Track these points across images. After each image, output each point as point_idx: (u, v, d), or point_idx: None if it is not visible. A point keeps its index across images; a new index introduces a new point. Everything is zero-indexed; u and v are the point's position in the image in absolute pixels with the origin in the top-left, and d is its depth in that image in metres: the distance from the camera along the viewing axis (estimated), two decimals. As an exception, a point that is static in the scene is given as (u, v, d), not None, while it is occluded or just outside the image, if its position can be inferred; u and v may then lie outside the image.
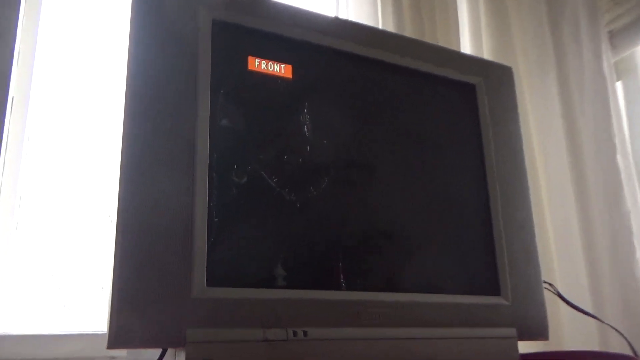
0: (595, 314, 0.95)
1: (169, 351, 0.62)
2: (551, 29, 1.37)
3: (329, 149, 0.77)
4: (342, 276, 0.72)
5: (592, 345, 1.09)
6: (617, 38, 1.50)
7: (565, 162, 1.28)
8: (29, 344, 1.07)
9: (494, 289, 0.83)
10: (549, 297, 0.88)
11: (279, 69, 0.76)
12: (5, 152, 1.14)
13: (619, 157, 1.25)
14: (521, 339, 0.81)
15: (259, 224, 0.70)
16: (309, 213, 0.73)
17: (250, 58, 0.74)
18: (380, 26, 1.26)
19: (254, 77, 0.74)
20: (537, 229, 0.91)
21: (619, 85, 1.48)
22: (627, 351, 0.90)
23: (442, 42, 1.27)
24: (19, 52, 1.22)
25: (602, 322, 0.94)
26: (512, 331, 0.80)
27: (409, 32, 1.28)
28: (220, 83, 0.71)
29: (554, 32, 1.37)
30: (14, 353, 1.06)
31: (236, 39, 0.74)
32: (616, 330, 0.89)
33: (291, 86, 0.76)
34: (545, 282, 0.87)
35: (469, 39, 1.39)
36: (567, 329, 1.15)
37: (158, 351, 0.65)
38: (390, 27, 1.26)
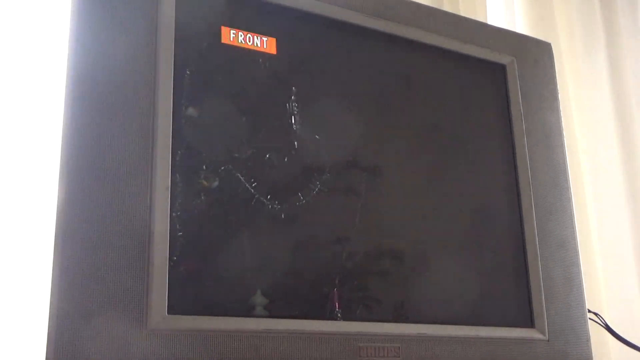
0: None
1: (120, 396, 0.62)
2: (601, 1, 1.38)
3: (323, 146, 0.77)
4: (338, 303, 0.73)
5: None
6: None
7: (617, 165, 1.29)
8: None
9: (527, 321, 0.84)
10: (594, 329, 0.89)
11: (260, 42, 0.76)
12: None
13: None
14: (561, 382, 0.82)
15: (234, 238, 0.70)
16: (297, 225, 0.74)
17: (223, 29, 0.75)
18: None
19: (229, 52, 0.74)
20: (581, 248, 0.91)
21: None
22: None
23: (464, 13, 1.28)
24: None
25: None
26: (549, 373, 0.81)
27: (423, 0, 1.29)
28: (185, 61, 0.71)
29: (605, 5, 1.38)
30: None
31: (206, 4, 0.75)
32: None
33: (275, 64, 0.77)
34: (590, 311, 0.88)
35: (498, 10, 1.40)
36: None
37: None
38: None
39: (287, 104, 0.76)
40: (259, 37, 0.76)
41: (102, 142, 0.64)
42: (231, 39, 0.75)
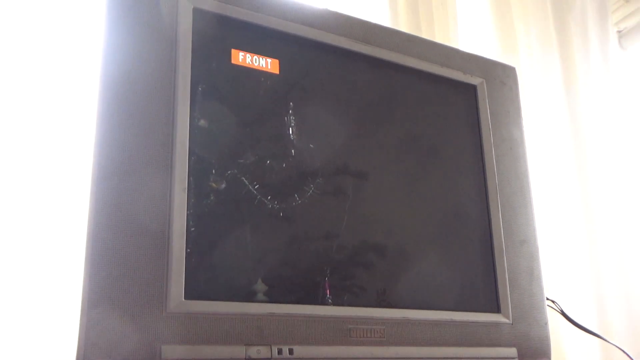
0: (601, 333, 0.97)
1: (143, 371, 0.62)
2: (557, 27, 1.40)
3: (316, 153, 0.78)
4: (330, 290, 0.73)
5: (594, 360, 1.12)
6: (626, 38, 1.54)
7: (572, 171, 1.30)
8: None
9: (494, 307, 0.84)
10: (551, 315, 0.90)
11: (265, 63, 0.77)
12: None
13: (630, 166, 1.27)
14: (522, 360, 0.83)
15: (241, 233, 0.70)
16: (294, 223, 0.74)
17: (234, 51, 0.75)
18: (373, 18, 1.28)
19: (238, 71, 0.75)
20: (540, 243, 0.92)
21: (629, 88, 1.51)
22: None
23: (439, 40, 1.29)
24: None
25: (609, 342, 0.96)
26: (512, 351, 0.82)
27: (404, 26, 1.30)
28: (201, 78, 0.71)
29: (560, 30, 1.40)
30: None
31: (219, 30, 0.75)
32: (624, 352, 0.91)
33: (278, 82, 0.77)
34: (548, 299, 0.89)
35: (468, 37, 1.41)
36: (569, 349, 1.17)
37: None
38: (384, 20, 1.28)
39: (286, 117, 0.76)
40: (264, 59, 0.77)
41: (128, 149, 0.64)
42: (240, 60, 0.75)
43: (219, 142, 0.72)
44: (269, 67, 0.77)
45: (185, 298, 0.63)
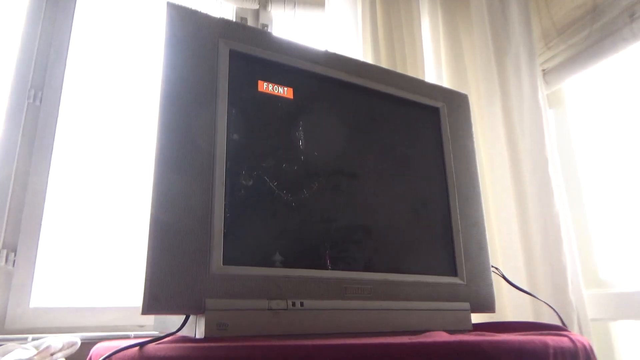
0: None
1: (191, 318, 0.62)
2: (497, 66, 1.40)
3: (319, 159, 0.78)
4: (330, 260, 0.73)
5: (527, 317, 1.11)
6: (549, 75, 1.54)
7: (507, 174, 1.30)
8: (74, 315, 1.07)
9: (453, 271, 0.84)
10: (495, 278, 0.90)
11: (283, 90, 0.77)
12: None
13: (550, 170, 1.27)
14: (473, 312, 0.83)
15: (263, 217, 0.70)
16: (303, 210, 0.74)
17: (259, 82, 0.75)
18: (361, 57, 1.28)
19: (263, 97, 0.75)
20: (487, 225, 0.92)
21: (550, 113, 1.51)
22: (556, 322, 0.91)
23: (411, 74, 1.29)
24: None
25: (538, 299, 0.96)
26: (466, 305, 0.82)
27: (384, 63, 1.30)
28: (235, 101, 0.72)
29: (500, 69, 1.40)
30: (63, 322, 1.05)
31: (249, 66, 0.75)
32: (549, 305, 0.91)
33: (292, 105, 0.78)
34: (492, 266, 0.88)
35: (432, 73, 1.41)
36: (507, 304, 1.17)
37: (181, 318, 0.65)
38: (369, 58, 1.28)
39: (297, 132, 0.76)
40: (282, 87, 0.77)
41: (182, 155, 0.64)
42: (264, 88, 0.75)
43: (247, 151, 0.72)
44: (286, 93, 0.77)
45: (223, 264, 0.63)
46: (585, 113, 1.50)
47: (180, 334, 0.62)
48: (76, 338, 0.95)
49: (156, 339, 0.59)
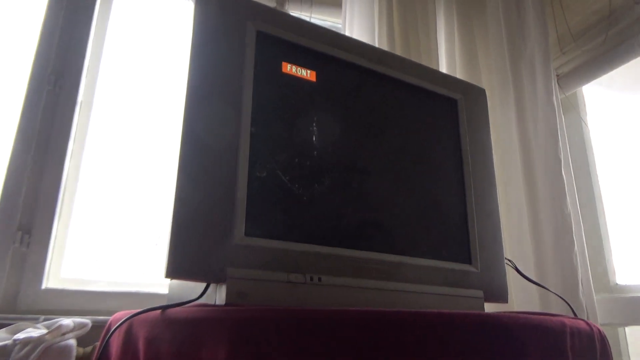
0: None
1: (212, 286, 0.63)
2: (512, 69, 1.41)
3: (332, 154, 0.77)
4: (349, 238, 0.73)
5: (535, 308, 1.11)
6: (563, 80, 1.55)
7: (520, 175, 1.31)
8: (85, 298, 1.08)
9: (467, 259, 0.84)
10: (507, 270, 0.89)
11: (306, 73, 0.78)
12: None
13: (562, 171, 1.28)
14: (486, 301, 0.83)
15: (286, 192, 0.71)
16: (313, 203, 0.73)
17: (284, 63, 0.76)
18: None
19: (286, 78, 0.76)
20: (502, 219, 0.92)
21: (563, 117, 1.53)
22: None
23: (427, 63, 1.30)
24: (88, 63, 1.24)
25: (550, 291, 0.96)
26: (480, 293, 0.82)
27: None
28: (260, 81, 0.72)
29: (514, 72, 1.41)
30: (74, 305, 1.07)
31: (274, 47, 0.76)
32: (561, 297, 0.91)
33: (314, 88, 0.78)
34: (506, 258, 0.88)
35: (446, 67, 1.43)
36: (515, 300, 1.17)
37: (198, 291, 0.66)
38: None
39: (310, 127, 0.76)
40: (305, 70, 0.78)
41: (209, 127, 0.65)
42: (288, 70, 0.76)
43: (271, 128, 0.72)
44: (308, 76, 0.78)
45: (245, 235, 0.64)
46: (599, 118, 1.51)
47: (200, 301, 0.63)
48: (87, 320, 0.97)
49: (177, 304, 0.60)
